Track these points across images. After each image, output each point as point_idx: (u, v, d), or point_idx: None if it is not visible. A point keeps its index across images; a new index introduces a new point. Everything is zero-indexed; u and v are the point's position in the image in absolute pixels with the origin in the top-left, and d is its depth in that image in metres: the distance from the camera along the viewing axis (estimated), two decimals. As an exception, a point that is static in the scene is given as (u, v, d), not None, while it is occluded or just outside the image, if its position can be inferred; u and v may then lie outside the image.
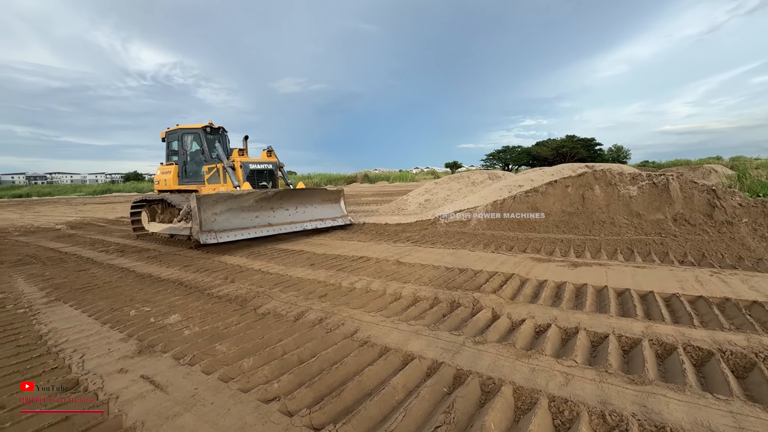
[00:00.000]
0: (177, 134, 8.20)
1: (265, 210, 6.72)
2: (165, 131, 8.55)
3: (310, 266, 4.66)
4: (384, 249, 5.60)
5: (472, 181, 11.71)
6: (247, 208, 6.41)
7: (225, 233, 5.93)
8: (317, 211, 7.63)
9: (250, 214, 6.46)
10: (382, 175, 59.98)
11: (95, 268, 5.12)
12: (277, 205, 6.93)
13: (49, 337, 2.76)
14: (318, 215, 7.59)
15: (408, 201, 12.08)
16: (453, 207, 8.16)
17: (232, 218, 6.18)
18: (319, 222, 7.45)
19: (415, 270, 4.26)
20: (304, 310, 3.08)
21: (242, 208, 6.33)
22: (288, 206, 7.10)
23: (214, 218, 5.94)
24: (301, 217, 7.25)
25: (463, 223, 6.92)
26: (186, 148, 8.19)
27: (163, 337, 2.64)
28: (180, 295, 3.66)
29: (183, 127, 8.12)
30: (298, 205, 7.28)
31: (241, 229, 6.19)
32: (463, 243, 5.68)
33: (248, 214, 6.43)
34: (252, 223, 6.45)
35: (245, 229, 6.26)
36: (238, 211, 6.29)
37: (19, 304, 3.62)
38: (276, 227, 6.69)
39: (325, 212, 7.78)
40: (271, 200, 6.74)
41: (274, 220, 6.80)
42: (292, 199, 7.13)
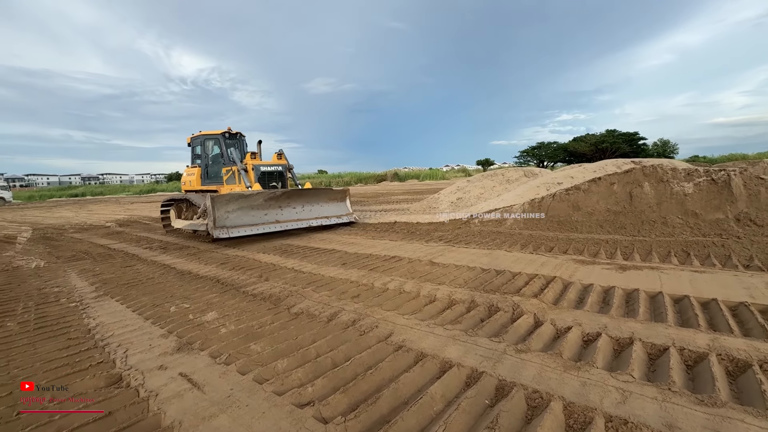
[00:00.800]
0: (200, 140, 8.97)
1: (274, 208, 7.25)
2: (190, 137, 9.27)
3: (342, 265, 4.64)
4: (416, 249, 5.49)
5: (506, 178, 11.33)
6: (257, 207, 6.97)
7: (236, 229, 6.54)
8: (323, 209, 8.06)
9: (260, 212, 7.03)
10: (412, 174, 59.69)
11: (140, 265, 5.37)
12: (285, 204, 7.43)
13: (96, 331, 2.89)
14: (324, 213, 8.03)
15: (439, 199, 11.87)
16: (487, 206, 7.91)
17: (243, 216, 6.77)
18: (324, 219, 7.91)
19: (450, 271, 4.12)
20: (337, 310, 3.04)
21: (252, 206, 6.89)
22: (295, 205, 7.58)
23: (227, 216, 6.54)
24: (307, 214, 7.74)
25: (498, 223, 6.67)
26: (207, 152, 8.93)
27: (201, 334, 2.68)
28: (217, 293, 3.74)
29: (205, 134, 8.86)
30: (305, 204, 7.75)
31: (251, 226, 6.78)
32: (499, 243, 5.46)
33: (257, 212, 6.99)
34: (261, 220, 7.01)
35: (255, 225, 6.84)
36: (249, 209, 6.86)
37: (72, 298, 3.83)
38: (283, 224, 7.24)
39: (330, 210, 8.19)
40: (279, 199, 7.26)
41: (281, 217, 7.34)
42: (299, 198, 7.63)
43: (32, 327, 3.00)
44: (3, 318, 3.26)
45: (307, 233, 7.77)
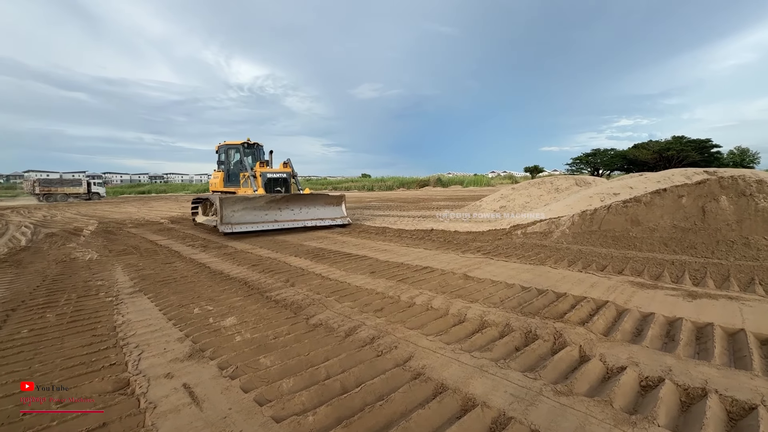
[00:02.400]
0: (224, 148, 10.48)
1: (273, 210, 8.48)
2: (217, 145, 10.75)
3: (370, 274, 4.45)
4: (451, 260, 5.17)
5: (555, 187, 10.59)
6: (259, 207, 8.22)
7: (240, 225, 7.83)
8: (319, 212, 9.19)
9: (261, 212, 8.27)
10: (456, 179, 58.59)
11: (179, 262, 5.55)
12: (284, 206, 8.64)
13: (121, 329, 2.92)
14: (319, 215, 9.16)
15: (482, 207, 11.37)
16: (532, 216, 7.36)
17: (246, 215, 8.05)
18: (318, 221, 9.03)
19: (485, 287, 3.78)
20: (356, 325, 2.84)
21: (255, 207, 8.16)
22: (293, 207, 8.78)
23: (233, 214, 7.86)
24: (303, 216, 8.91)
25: (544, 235, 6.14)
26: (230, 159, 10.43)
27: (215, 341, 2.60)
28: (241, 296, 3.69)
29: (228, 143, 10.38)
30: (302, 207, 8.94)
31: (252, 223, 8.05)
32: (543, 258, 4.99)
33: (259, 212, 8.24)
34: (261, 219, 8.24)
35: (255, 223, 8.10)
36: (251, 209, 8.13)
37: (110, 292, 3.98)
38: (281, 223, 8.48)
39: (326, 213, 9.30)
40: (279, 202, 8.48)
41: (280, 217, 8.56)
42: (297, 201, 8.82)
43: (67, 320, 3.11)
44: (46, 309, 3.43)
45: (341, 238, 7.71)
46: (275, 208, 8.49)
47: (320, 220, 9.04)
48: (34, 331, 2.88)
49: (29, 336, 2.78)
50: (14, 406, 1.84)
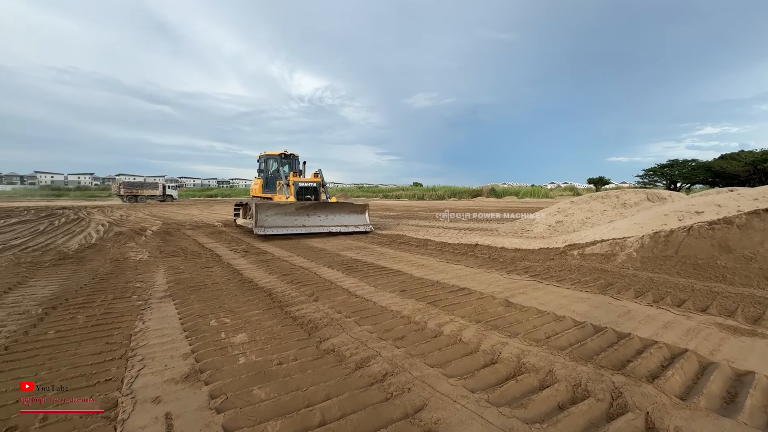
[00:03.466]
0: (264, 158, 11.81)
1: (302, 216, 9.37)
2: (258, 155, 12.03)
3: (400, 292, 4.10)
4: (493, 281, 4.65)
5: (621, 201, 9.44)
6: (289, 213, 9.19)
7: (271, 228, 8.82)
8: (343, 219, 9.96)
9: (291, 217, 9.22)
10: (511, 190, 56.09)
11: (216, 267, 5.63)
12: (312, 213, 9.50)
13: (136, 337, 2.87)
14: (344, 222, 9.91)
15: (535, 221, 10.49)
16: (593, 234, 6.53)
17: (278, 219, 9.03)
18: (343, 227, 9.77)
19: (528, 318, 3.25)
20: (370, 355, 2.51)
21: (286, 212, 9.14)
22: (320, 214, 9.61)
23: (266, 218, 8.84)
24: (329, 222, 9.69)
25: (606, 257, 5.35)
26: (269, 167, 11.72)
27: (217, 362, 2.42)
28: (261, 309, 3.54)
29: (268, 154, 11.68)
30: (329, 214, 9.76)
31: (283, 227, 9.03)
32: (603, 285, 4.29)
33: (289, 217, 9.20)
34: (291, 223, 9.18)
35: (285, 227, 9.06)
36: (283, 214, 9.10)
37: (143, 296, 4.05)
38: (308, 228, 9.31)
39: (350, 220, 10.03)
40: (307, 209, 9.41)
41: (308, 222, 9.40)
42: (324, 209, 9.70)
43: (92, 323, 3.15)
44: (80, 309, 3.53)
45: (380, 249, 7.44)
46: (304, 214, 9.39)
47: (344, 226, 9.81)
48: (60, 333, 2.93)
49: (52, 338, 2.82)
50: (14, 403, 1.77)
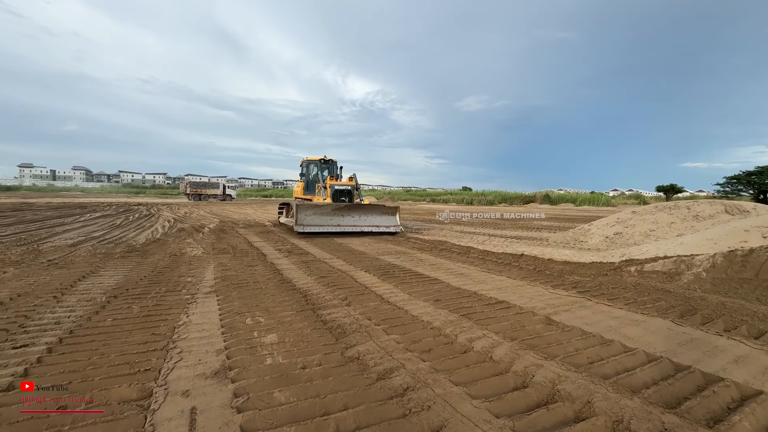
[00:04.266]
0: (306, 163, 13.05)
1: (337, 216, 10.28)
2: (301, 160, 13.26)
3: (434, 302, 3.99)
4: (535, 295, 4.37)
5: (693, 213, 8.49)
6: (326, 213, 10.15)
7: (310, 227, 9.80)
8: (375, 220, 10.75)
9: (327, 217, 10.15)
10: (567, 196, 52.81)
11: (260, 266, 5.89)
12: (346, 214, 10.39)
13: (180, 330, 3.07)
14: (375, 223, 10.71)
15: (591, 232, 9.78)
16: (655, 249, 5.91)
17: (316, 219, 10.00)
18: (374, 227, 10.59)
19: (570, 339, 3.00)
20: (394, 366, 2.46)
21: (323, 213, 10.12)
22: (354, 215, 10.51)
23: (305, 218, 9.85)
24: (362, 223, 10.55)
25: (668, 276, 4.80)
26: (310, 171, 12.88)
27: (246, 360, 2.51)
28: (295, 310, 3.63)
29: (309, 159, 12.86)
30: (362, 215, 10.62)
31: (319, 226, 9.94)
32: (664, 308, 3.85)
33: (326, 217, 10.14)
34: (327, 223, 10.10)
35: (322, 226, 9.98)
36: (320, 215, 10.09)
37: (191, 290, 4.35)
38: (342, 227, 10.20)
39: (381, 221, 10.81)
40: (342, 210, 10.34)
41: (342, 222, 10.29)
42: (357, 210, 10.60)
43: (144, 314, 3.43)
44: (137, 300, 3.87)
45: (420, 255, 7.34)
46: (339, 215, 10.31)
47: (376, 227, 10.64)
48: (116, 321, 3.22)
49: (109, 326, 3.10)
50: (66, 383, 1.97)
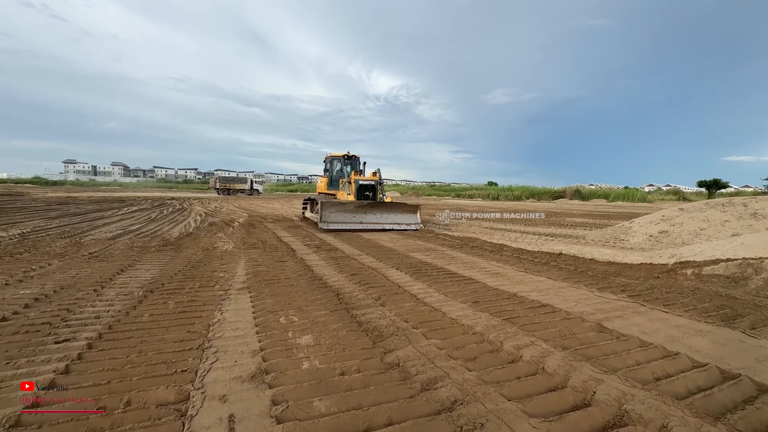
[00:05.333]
0: (329, 159, 13.17)
1: (360, 213, 10.40)
2: (324, 157, 13.44)
3: (472, 303, 3.78)
4: (581, 298, 4.08)
5: (751, 211, 7.81)
6: (349, 211, 10.28)
7: (333, 224, 10.00)
8: (397, 218, 10.80)
9: (350, 215, 10.30)
10: (599, 192, 50.60)
11: (290, 261, 5.85)
12: (369, 211, 10.50)
13: (214, 327, 3.02)
14: (397, 221, 10.75)
15: (632, 230, 9.23)
16: (712, 250, 5.43)
17: (339, 216, 10.18)
18: (396, 225, 10.64)
19: (629, 350, 2.73)
20: (438, 375, 2.29)
21: (346, 210, 10.26)
22: (376, 213, 10.61)
23: (329, 215, 10.04)
24: (384, 220, 10.63)
25: (732, 281, 4.37)
26: (333, 167, 13.05)
27: (282, 363, 2.41)
28: (328, 310, 3.52)
29: (333, 155, 13.00)
30: (383, 212, 10.70)
31: (343, 223, 10.13)
32: (731, 316, 3.48)
33: (349, 214, 10.28)
34: (350, 220, 10.25)
35: (345, 223, 10.14)
36: (343, 212, 10.24)
37: (224, 286, 4.33)
38: (365, 224, 10.32)
39: (403, 219, 10.85)
40: (365, 207, 10.44)
41: (365, 220, 10.41)
42: (379, 208, 10.69)
43: (179, 310, 3.41)
44: (172, 295, 3.88)
45: (451, 253, 7.11)
46: (361, 212, 10.44)
47: (397, 224, 10.70)
48: (153, 317, 3.21)
49: (146, 322, 3.09)
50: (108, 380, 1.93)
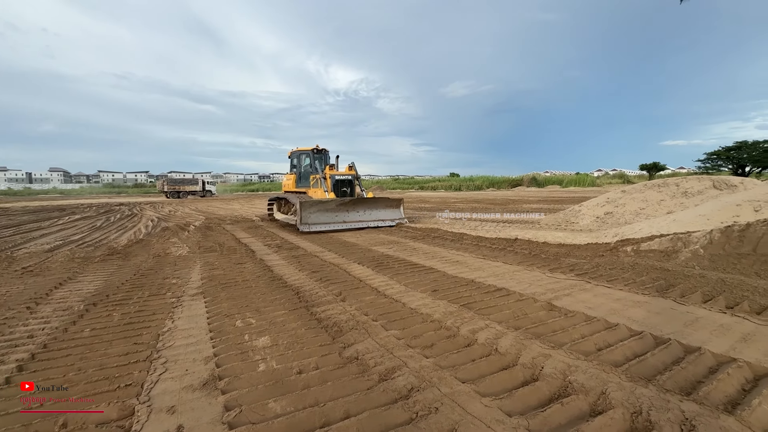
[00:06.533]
0: (296, 154, 11.91)
1: (342, 212, 9.61)
2: (290, 151, 12.18)
3: (432, 292, 3.86)
4: (534, 280, 4.28)
5: (682, 190, 8.53)
6: (331, 210, 9.40)
7: (315, 225, 9.09)
8: (381, 214, 10.28)
9: (332, 213, 9.44)
10: (554, 178, 53.38)
11: (249, 263, 5.68)
12: (351, 209, 9.76)
13: (164, 337, 2.87)
14: (381, 217, 10.25)
15: (581, 213, 9.79)
16: (649, 227, 5.89)
17: (320, 216, 9.26)
18: (380, 222, 10.11)
19: (575, 325, 2.91)
20: (396, 365, 2.32)
21: (327, 209, 9.34)
22: (359, 210, 9.92)
23: (309, 215, 9.06)
24: (368, 217, 10.01)
25: (666, 255, 4.77)
26: (301, 163, 11.77)
27: (237, 368, 2.34)
28: (287, 309, 3.45)
29: (300, 149, 11.71)
30: (366, 209, 10.06)
31: (325, 223, 9.26)
32: (664, 287, 3.79)
33: (330, 213, 9.41)
34: (333, 219, 9.42)
35: (327, 223, 9.29)
36: (324, 211, 9.31)
37: (176, 293, 4.12)
38: (348, 223, 9.59)
39: (387, 215, 10.36)
40: (347, 205, 9.63)
41: (348, 218, 9.66)
42: (362, 204, 9.98)
43: (125, 322, 3.21)
44: (117, 306, 3.64)
45: (413, 244, 7.21)
46: (344, 210, 9.65)
47: (382, 220, 10.18)
48: (95, 331, 3.00)
49: (87, 337, 2.88)
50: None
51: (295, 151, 11.96)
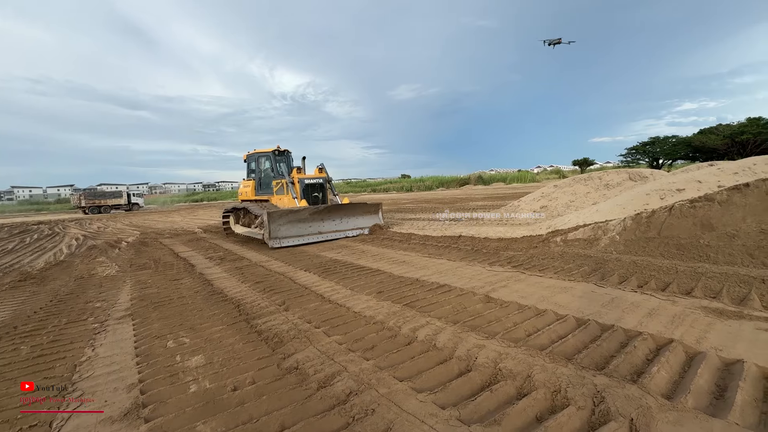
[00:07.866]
0: (254, 157, 10.46)
1: (317, 221, 8.39)
2: (246, 154, 10.72)
3: (377, 294, 3.89)
4: (474, 274, 4.48)
5: (604, 183, 9.39)
6: (303, 220, 8.12)
7: (287, 239, 7.80)
8: (359, 221, 9.16)
9: (305, 224, 8.18)
10: (498, 176, 56.24)
11: (186, 278, 5.34)
12: (327, 217, 8.54)
13: (81, 368, 2.61)
14: (359, 224, 9.13)
15: (520, 207, 10.42)
16: (575, 218, 6.40)
17: (292, 228, 7.96)
18: (359, 230, 9.03)
19: (509, 314, 3.08)
20: (335, 371, 2.30)
21: (300, 219, 8.06)
22: (335, 218, 8.70)
23: (279, 228, 7.74)
24: (345, 226, 8.86)
25: (588, 243, 5.22)
26: (261, 167, 10.36)
27: (165, 392, 2.19)
28: (225, 324, 3.29)
29: (258, 151, 10.29)
30: (343, 217, 8.87)
31: (298, 236, 8.00)
32: (587, 272, 4.15)
33: (304, 224, 8.16)
34: (307, 231, 8.19)
35: (301, 236, 8.04)
36: (297, 222, 8.03)
37: (100, 317, 3.77)
38: (325, 234, 8.38)
39: (365, 222, 9.26)
40: (321, 213, 8.39)
41: (323, 228, 8.46)
42: (338, 212, 8.75)
43: (36, 354, 2.87)
44: (27, 338, 3.24)
45: (361, 247, 7.22)
46: (318, 220, 8.44)
47: (360, 229, 9.11)
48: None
49: (-14, 376, 2.54)
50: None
51: (252, 153, 10.57)
